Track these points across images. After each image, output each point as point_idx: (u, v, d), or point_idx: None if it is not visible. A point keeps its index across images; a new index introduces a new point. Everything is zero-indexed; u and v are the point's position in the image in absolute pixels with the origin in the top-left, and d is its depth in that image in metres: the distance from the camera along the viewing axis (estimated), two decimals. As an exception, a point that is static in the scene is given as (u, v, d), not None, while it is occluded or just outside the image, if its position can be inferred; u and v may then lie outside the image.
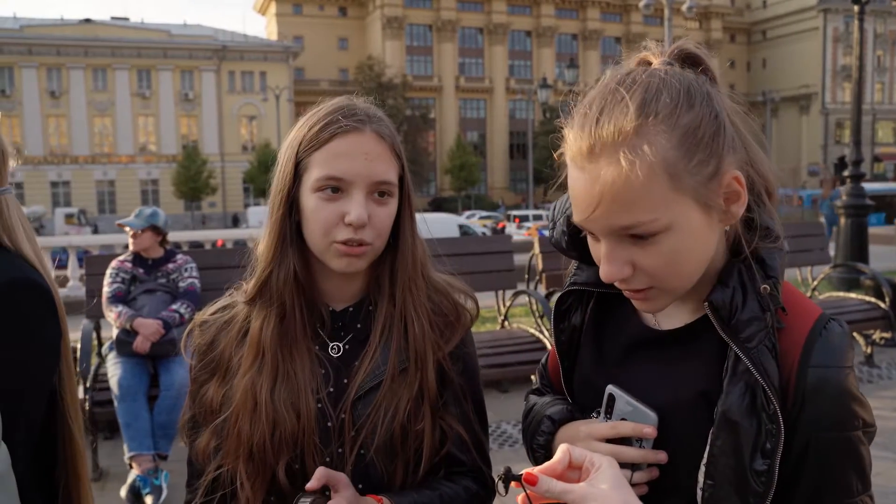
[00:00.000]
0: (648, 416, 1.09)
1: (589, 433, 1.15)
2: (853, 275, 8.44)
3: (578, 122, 1.02)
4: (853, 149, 9.68)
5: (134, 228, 4.54)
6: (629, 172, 0.95)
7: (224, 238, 13.07)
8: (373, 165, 1.26)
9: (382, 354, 1.33)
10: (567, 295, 1.27)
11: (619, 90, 1.00)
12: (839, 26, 74.48)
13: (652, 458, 1.09)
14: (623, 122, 0.97)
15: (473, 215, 42.58)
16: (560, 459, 0.93)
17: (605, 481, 0.90)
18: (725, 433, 1.01)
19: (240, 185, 60.56)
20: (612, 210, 0.97)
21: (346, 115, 1.28)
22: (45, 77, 56.42)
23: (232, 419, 1.30)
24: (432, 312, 1.37)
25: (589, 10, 74.07)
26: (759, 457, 1.00)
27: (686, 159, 0.97)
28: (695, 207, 0.99)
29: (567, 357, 1.27)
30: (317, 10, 71.87)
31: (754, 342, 1.02)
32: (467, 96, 72.43)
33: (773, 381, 1.00)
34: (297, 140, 1.29)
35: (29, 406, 1.14)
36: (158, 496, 4.03)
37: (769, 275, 1.06)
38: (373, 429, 1.28)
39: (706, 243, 1.04)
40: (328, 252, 1.28)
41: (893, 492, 4.00)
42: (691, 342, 1.11)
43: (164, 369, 4.32)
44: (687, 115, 0.98)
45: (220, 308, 1.43)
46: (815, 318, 1.06)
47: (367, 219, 1.25)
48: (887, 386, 6.04)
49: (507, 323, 6.25)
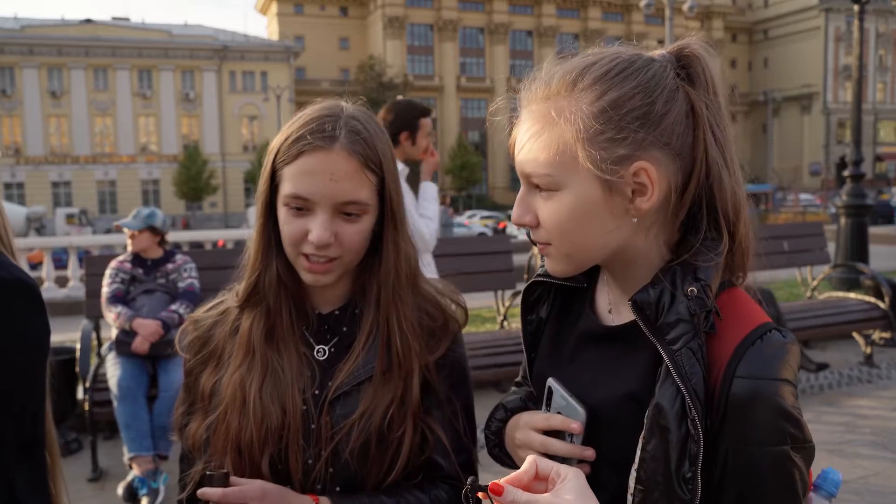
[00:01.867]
0: (577, 412, 1.11)
1: (527, 423, 1.18)
2: (853, 275, 8.44)
3: (529, 76, 1.11)
4: (853, 149, 9.66)
5: (131, 229, 4.54)
6: (542, 127, 1.04)
7: (224, 238, 13.07)
8: (337, 186, 1.24)
9: (364, 358, 1.33)
10: (534, 287, 1.28)
11: (570, 56, 1.09)
12: (841, 26, 74.42)
13: (578, 453, 1.10)
14: (553, 81, 1.06)
15: (474, 215, 42.63)
16: (526, 470, 0.93)
17: (570, 492, 0.90)
18: (656, 438, 0.99)
19: (241, 185, 60.63)
20: (524, 157, 1.06)
21: (315, 130, 1.25)
22: (45, 77, 56.53)
23: (221, 415, 1.32)
24: (418, 324, 1.37)
25: (590, 9, 74.09)
26: (687, 463, 0.97)
27: (598, 132, 1.00)
28: (595, 182, 1.01)
29: (532, 348, 1.29)
30: (318, 10, 71.93)
31: (678, 344, 0.99)
32: (468, 96, 72.44)
33: (696, 387, 0.97)
34: (274, 149, 1.30)
35: (19, 405, 1.15)
36: (155, 499, 4.03)
37: (698, 278, 1.03)
38: (348, 431, 1.29)
39: (603, 223, 1.04)
40: (297, 263, 1.30)
41: (893, 492, 3.99)
42: (635, 341, 1.08)
43: (163, 370, 4.32)
44: (615, 91, 1.01)
45: (213, 305, 1.46)
46: (755, 326, 1.02)
47: (332, 237, 1.26)
48: (887, 386, 6.03)
49: (506, 323, 6.26)
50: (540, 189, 1.06)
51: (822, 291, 7.52)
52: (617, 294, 1.16)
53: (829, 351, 7.02)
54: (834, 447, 4.68)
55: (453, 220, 35.60)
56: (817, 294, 7.22)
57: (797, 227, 9.21)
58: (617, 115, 1.00)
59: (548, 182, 1.04)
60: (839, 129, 75.19)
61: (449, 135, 68.39)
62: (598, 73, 1.03)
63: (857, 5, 9.48)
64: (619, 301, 1.15)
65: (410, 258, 1.38)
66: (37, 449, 1.21)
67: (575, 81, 1.03)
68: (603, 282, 1.20)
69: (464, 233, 33.98)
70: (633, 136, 1.00)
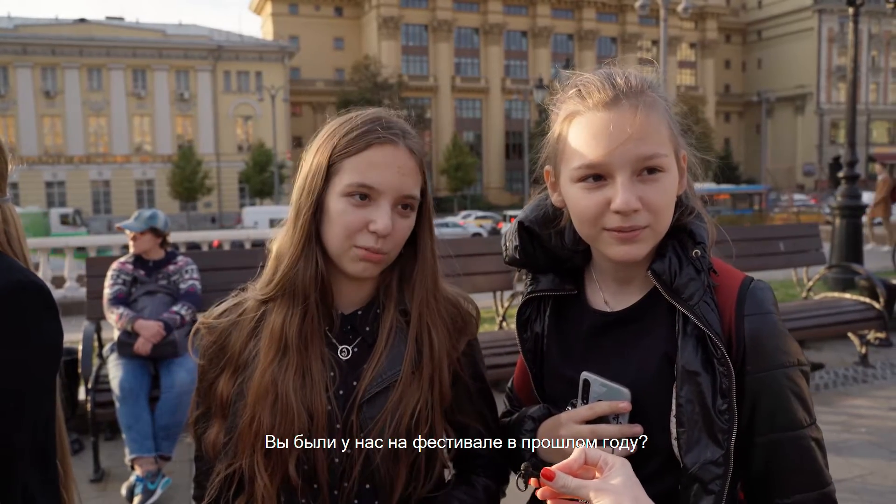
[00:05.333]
0: (622, 392, 1.20)
1: (570, 418, 1.26)
2: (848, 275, 8.48)
3: (598, 80, 1.20)
4: (848, 150, 9.71)
5: (133, 231, 4.56)
6: (651, 113, 1.17)
7: (221, 239, 13.06)
8: (403, 179, 1.31)
9: (388, 359, 1.35)
10: (526, 305, 1.40)
11: (620, 66, 1.25)
12: (834, 27, 74.66)
13: (629, 431, 1.20)
14: (639, 78, 1.20)
15: (469, 215, 42.67)
16: (576, 458, 0.99)
17: (617, 478, 0.96)
18: (688, 384, 1.16)
19: (235, 185, 60.49)
20: (640, 140, 1.15)
21: (385, 126, 1.32)
22: (39, 77, 56.28)
23: (248, 414, 1.32)
24: (450, 321, 1.42)
25: (585, 10, 74.08)
26: (720, 398, 1.14)
27: (671, 121, 1.22)
28: (675, 163, 1.21)
29: (534, 364, 1.39)
30: (313, 10, 71.81)
31: (695, 299, 1.18)
32: (463, 96, 72.42)
33: (717, 330, 1.16)
34: (330, 144, 1.32)
35: (31, 406, 1.15)
36: (147, 498, 4.04)
37: (697, 241, 1.23)
38: (379, 432, 1.31)
39: (675, 198, 1.23)
40: (346, 255, 1.32)
41: (889, 490, 4.03)
42: (642, 319, 1.26)
43: (165, 371, 4.33)
44: (665, 98, 1.23)
45: (227, 309, 1.45)
46: (742, 277, 1.24)
47: (392, 228, 1.29)
48: (882, 386, 6.08)
49: (504, 324, 6.28)
50: (646, 173, 1.16)
51: (817, 292, 7.56)
52: (612, 286, 1.31)
53: (825, 351, 7.07)
54: (830, 446, 4.68)
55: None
56: (813, 294, 7.26)
57: (793, 227, 9.26)
58: (671, 110, 1.23)
59: (664, 162, 1.17)
60: (832, 130, 75.41)
61: (444, 135, 68.33)
62: (654, 81, 1.22)
63: (851, 7, 9.52)
64: (615, 292, 1.31)
65: (436, 254, 1.43)
66: (49, 456, 1.20)
67: (648, 85, 1.20)
68: (592, 281, 1.34)
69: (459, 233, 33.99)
70: (677, 126, 1.24)
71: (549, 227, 1.33)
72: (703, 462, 1.13)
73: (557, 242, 1.32)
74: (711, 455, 1.13)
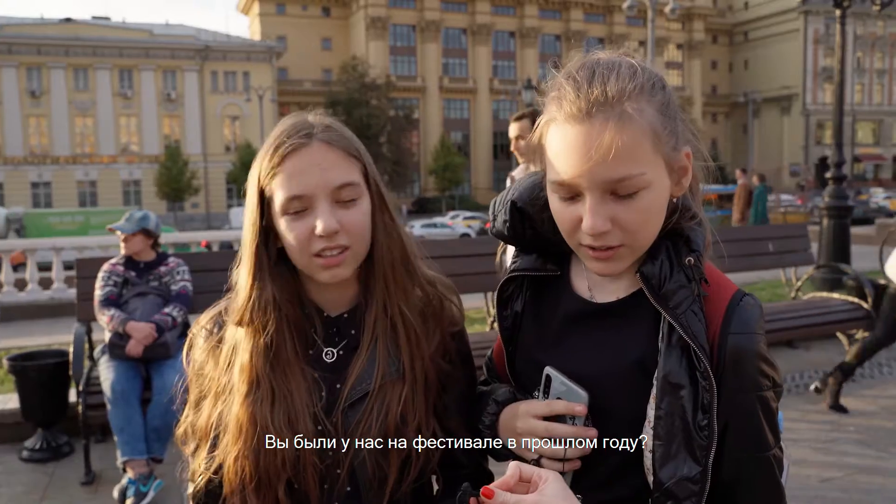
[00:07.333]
0: (580, 395, 1.19)
1: (527, 411, 1.24)
2: (836, 275, 8.54)
3: (572, 87, 1.11)
4: (835, 151, 9.78)
5: (125, 232, 4.53)
6: (624, 129, 1.06)
7: (209, 239, 13.01)
8: (327, 174, 1.28)
9: (370, 360, 1.35)
10: (508, 282, 1.37)
11: (607, 63, 1.13)
12: (820, 28, 75.20)
13: (583, 433, 1.18)
14: (617, 86, 1.09)
15: (458, 216, 42.69)
16: (512, 475, 1.03)
17: (552, 491, 1.00)
18: (669, 396, 1.12)
19: (223, 185, 60.30)
20: (609, 163, 1.06)
21: (291, 134, 1.30)
22: (25, 77, 55.93)
23: (232, 455, 1.31)
24: (423, 304, 1.41)
25: (572, 10, 74.33)
26: (700, 413, 1.11)
27: (662, 126, 1.11)
28: (665, 171, 1.13)
29: (510, 342, 1.37)
30: (300, 10, 71.66)
31: (682, 308, 1.14)
32: (451, 97, 72.48)
33: (702, 343, 1.12)
34: (256, 172, 1.33)
35: None
36: (140, 500, 4.03)
37: (693, 249, 1.17)
38: (365, 432, 1.31)
39: (665, 208, 1.16)
40: (311, 267, 1.31)
41: (877, 489, 4.07)
42: (623, 316, 1.22)
43: (156, 373, 4.30)
44: (661, 92, 1.13)
45: (216, 315, 1.44)
46: (734, 291, 1.18)
47: (338, 224, 1.28)
48: (870, 385, 6.14)
49: (495, 324, 6.28)
50: (618, 195, 1.09)
51: (805, 292, 7.61)
52: (597, 277, 1.26)
53: (813, 350, 7.13)
54: (819, 445, 4.75)
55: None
56: (801, 294, 7.31)
57: (782, 228, 9.30)
58: (667, 110, 1.13)
59: (640, 182, 1.09)
60: (818, 130, 75.95)
61: (431, 135, 68.36)
62: (644, 78, 1.12)
63: (838, 10, 9.59)
64: (601, 282, 1.26)
65: (408, 240, 1.41)
66: None
67: (631, 89, 1.09)
68: (580, 266, 1.29)
69: (447, 233, 34.01)
70: (677, 125, 1.14)
71: (542, 212, 1.27)
72: (680, 478, 1.10)
73: (549, 227, 1.26)
74: (689, 471, 1.10)
